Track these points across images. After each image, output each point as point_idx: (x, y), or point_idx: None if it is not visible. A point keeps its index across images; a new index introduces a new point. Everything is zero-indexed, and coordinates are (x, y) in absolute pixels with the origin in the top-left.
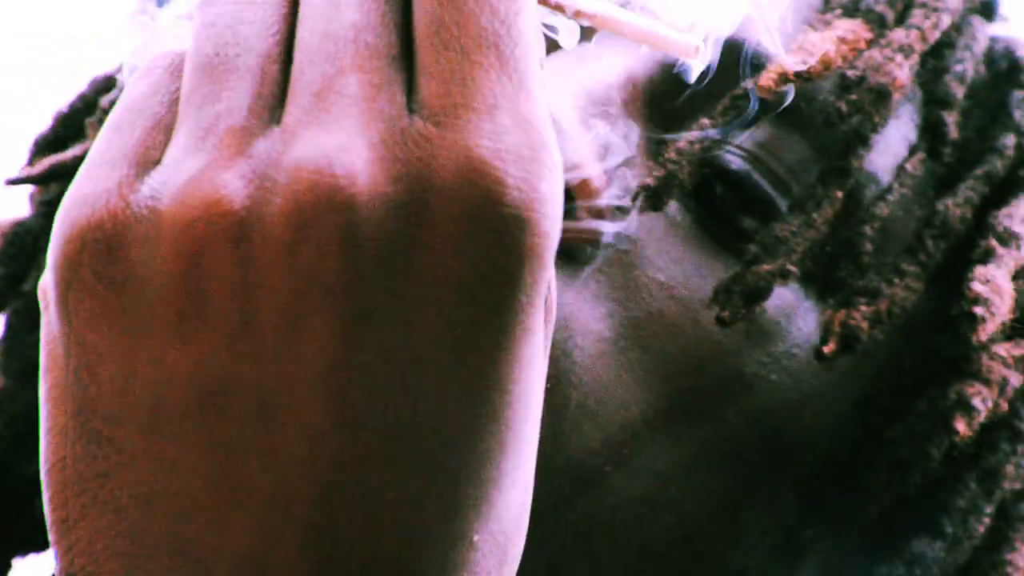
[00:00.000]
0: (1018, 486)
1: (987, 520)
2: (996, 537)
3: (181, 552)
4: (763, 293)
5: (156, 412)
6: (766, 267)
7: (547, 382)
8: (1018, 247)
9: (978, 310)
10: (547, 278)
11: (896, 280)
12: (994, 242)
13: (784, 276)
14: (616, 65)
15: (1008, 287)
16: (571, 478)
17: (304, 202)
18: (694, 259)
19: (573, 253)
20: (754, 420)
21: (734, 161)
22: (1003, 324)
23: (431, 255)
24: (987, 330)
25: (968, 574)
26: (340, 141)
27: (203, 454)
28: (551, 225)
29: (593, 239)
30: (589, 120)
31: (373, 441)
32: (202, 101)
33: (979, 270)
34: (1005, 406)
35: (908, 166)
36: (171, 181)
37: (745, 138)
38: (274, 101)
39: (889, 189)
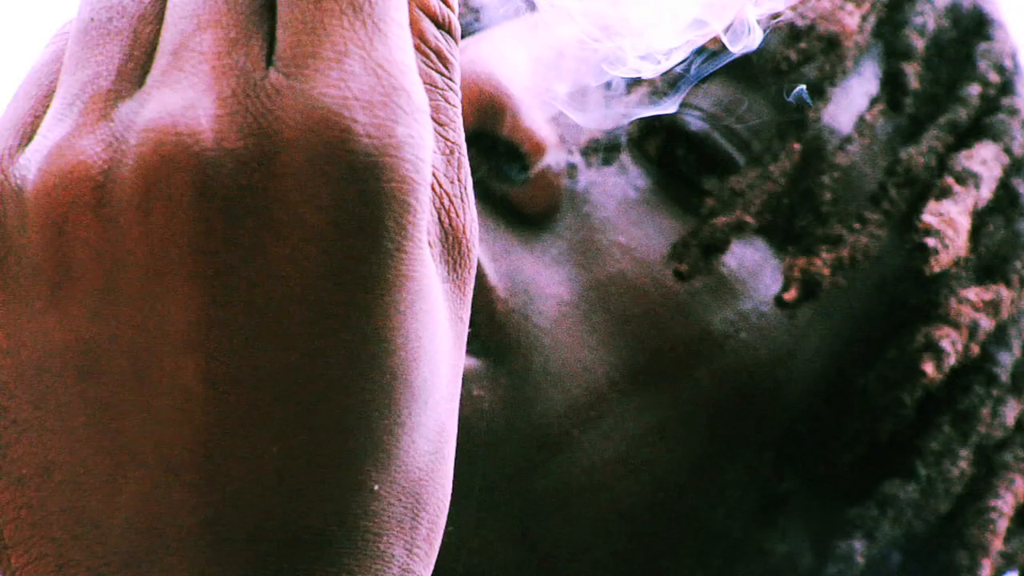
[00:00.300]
0: (999, 433)
1: (964, 464)
2: (978, 484)
3: (80, 519)
4: (720, 246)
5: (42, 382)
6: (722, 219)
7: (508, 347)
8: (977, 187)
9: (929, 241)
10: (417, 222)
11: (858, 227)
12: (951, 180)
13: (741, 228)
14: (570, 28)
15: (964, 222)
16: (539, 442)
17: (150, 162)
18: (656, 221)
19: (530, 217)
20: (727, 379)
21: (693, 122)
22: (968, 264)
23: (285, 207)
24: (941, 262)
25: (952, 523)
26: (188, 99)
27: (88, 420)
28: (413, 169)
29: (550, 202)
30: (544, 84)
31: (246, 397)
32: (75, 67)
33: (932, 205)
34: (976, 350)
35: (868, 116)
36: (39, 150)
37: (704, 99)
38: (146, 62)
39: (849, 140)
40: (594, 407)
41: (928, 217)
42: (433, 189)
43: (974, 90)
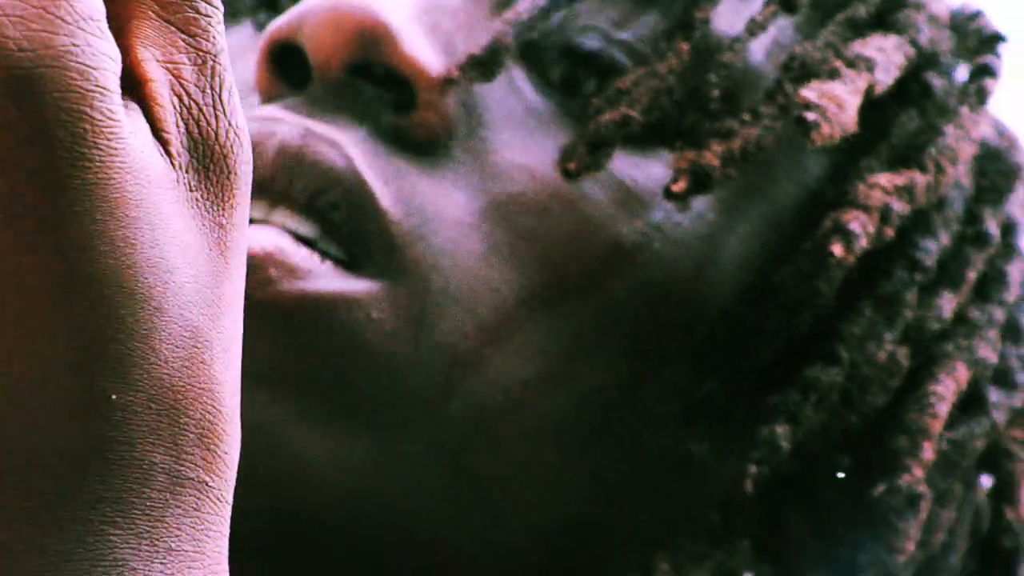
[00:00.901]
0: (935, 325)
1: (891, 347)
2: (918, 376)
3: None
4: (607, 141)
5: None
6: (607, 116)
7: (405, 268)
8: (870, 70)
9: (809, 115)
10: (104, 130)
11: (750, 120)
12: (839, 63)
13: (626, 124)
14: None
15: (851, 100)
16: (449, 362)
17: None
18: (557, 142)
19: (423, 144)
20: (643, 291)
21: (589, 42)
22: (880, 155)
23: None
24: (823, 134)
25: (893, 415)
26: None
27: None
28: (82, 78)
29: (442, 128)
30: (432, 13)
31: None
32: None
33: (813, 83)
34: (891, 232)
35: (759, 17)
36: None
37: (600, 18)
38: None
39: (738, 39)
40: (503, 325)
41: (807, 92)
42: (180, 99)
43: None
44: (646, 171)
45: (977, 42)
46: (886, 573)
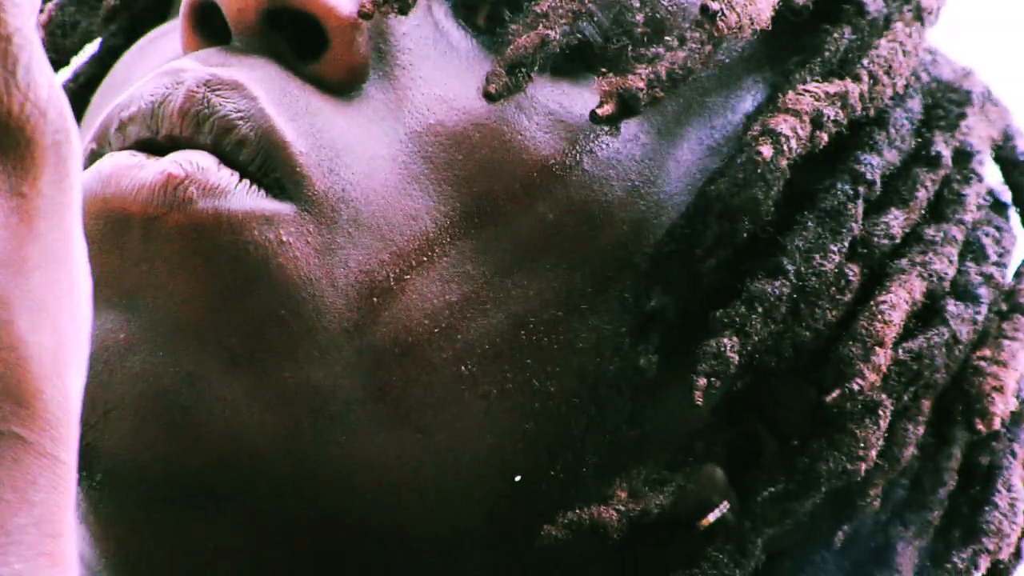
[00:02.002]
0: (885, 241)
1: (836, 258)
2: (869, 289)
3: None
4: (525, 62)
5: None
6: (526, 39)
7: (313, 199)
8: None
9: (712, 4)
10: None
11: (678, 45)
12: None
13: (544, 45)
14: None
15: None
16: (366, 291)
17: None
18: (477, 75)
19: (338, 85)
20: (575, 212)
21: None
22: (812, 69)
23: None
24: (728, 23)
25: (846, 328)
26: None
27: None
28: None
29: (356, 69)
30: None
31: None
32: None
33: None
34: (824, 138)
35: None
36: None
37: None
38: None
39: None
40: (425, 252)
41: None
42: None
43: None
44: (574, 98)
45: None
46: (848, 484)
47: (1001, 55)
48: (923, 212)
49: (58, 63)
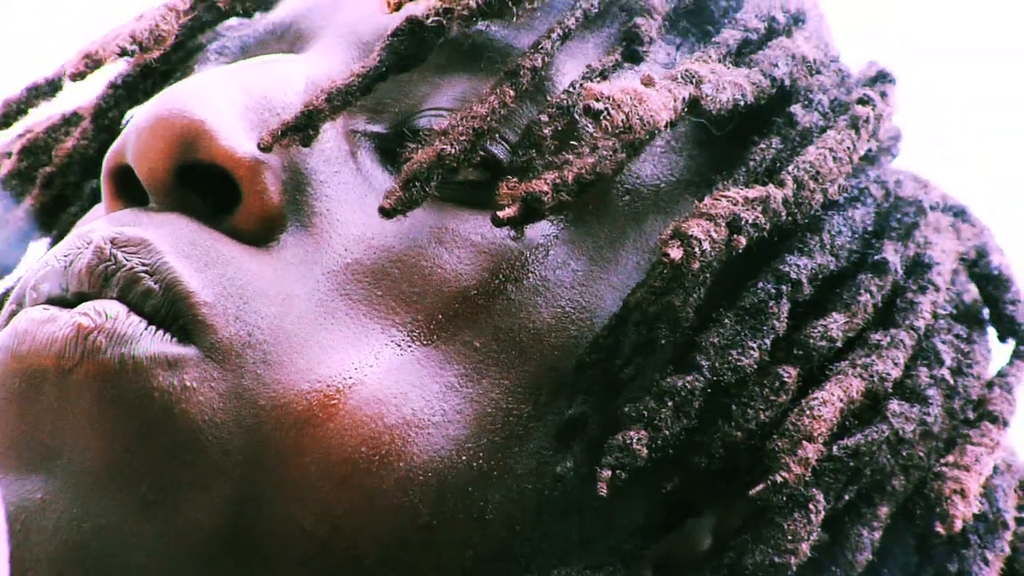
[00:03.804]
0: (823, 343)
1: (755, 354)
2: (806, 389)
3: None
4: (420, 177)
5: None
6: (422, 155)
7: (218, 346)
8: (696, 85)
9: (595, 104)
10: None
11: (587, 152)
12: (658, 77)
13: (441, 158)
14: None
15: (656, 97)
16: (289, 421)
17: None
18: None
19: (254, 235)
20: (501, 339)
21: (422, 120)
22: (737, 179)
23: None
24: (613, 122)
25: (779, 426)
26: None
27: None
28: None
29: (271, 219)
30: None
31: None
32: None
33: (607, 81)
34: (742, 241)
35: (596, 63)
36: None
37: (443, 97)
38: None
39: (573, 84)
40: (346, 380)
41: (594, 85)
42: None
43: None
44: (495, 229)
45: (867, 79)
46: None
47: (999, 81)
48: (868, 317)
49: None
